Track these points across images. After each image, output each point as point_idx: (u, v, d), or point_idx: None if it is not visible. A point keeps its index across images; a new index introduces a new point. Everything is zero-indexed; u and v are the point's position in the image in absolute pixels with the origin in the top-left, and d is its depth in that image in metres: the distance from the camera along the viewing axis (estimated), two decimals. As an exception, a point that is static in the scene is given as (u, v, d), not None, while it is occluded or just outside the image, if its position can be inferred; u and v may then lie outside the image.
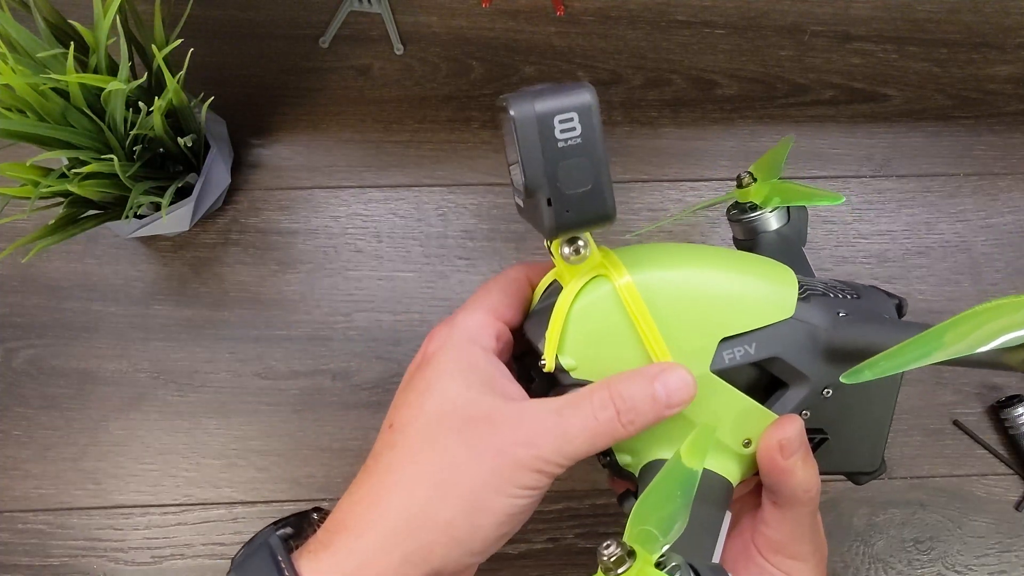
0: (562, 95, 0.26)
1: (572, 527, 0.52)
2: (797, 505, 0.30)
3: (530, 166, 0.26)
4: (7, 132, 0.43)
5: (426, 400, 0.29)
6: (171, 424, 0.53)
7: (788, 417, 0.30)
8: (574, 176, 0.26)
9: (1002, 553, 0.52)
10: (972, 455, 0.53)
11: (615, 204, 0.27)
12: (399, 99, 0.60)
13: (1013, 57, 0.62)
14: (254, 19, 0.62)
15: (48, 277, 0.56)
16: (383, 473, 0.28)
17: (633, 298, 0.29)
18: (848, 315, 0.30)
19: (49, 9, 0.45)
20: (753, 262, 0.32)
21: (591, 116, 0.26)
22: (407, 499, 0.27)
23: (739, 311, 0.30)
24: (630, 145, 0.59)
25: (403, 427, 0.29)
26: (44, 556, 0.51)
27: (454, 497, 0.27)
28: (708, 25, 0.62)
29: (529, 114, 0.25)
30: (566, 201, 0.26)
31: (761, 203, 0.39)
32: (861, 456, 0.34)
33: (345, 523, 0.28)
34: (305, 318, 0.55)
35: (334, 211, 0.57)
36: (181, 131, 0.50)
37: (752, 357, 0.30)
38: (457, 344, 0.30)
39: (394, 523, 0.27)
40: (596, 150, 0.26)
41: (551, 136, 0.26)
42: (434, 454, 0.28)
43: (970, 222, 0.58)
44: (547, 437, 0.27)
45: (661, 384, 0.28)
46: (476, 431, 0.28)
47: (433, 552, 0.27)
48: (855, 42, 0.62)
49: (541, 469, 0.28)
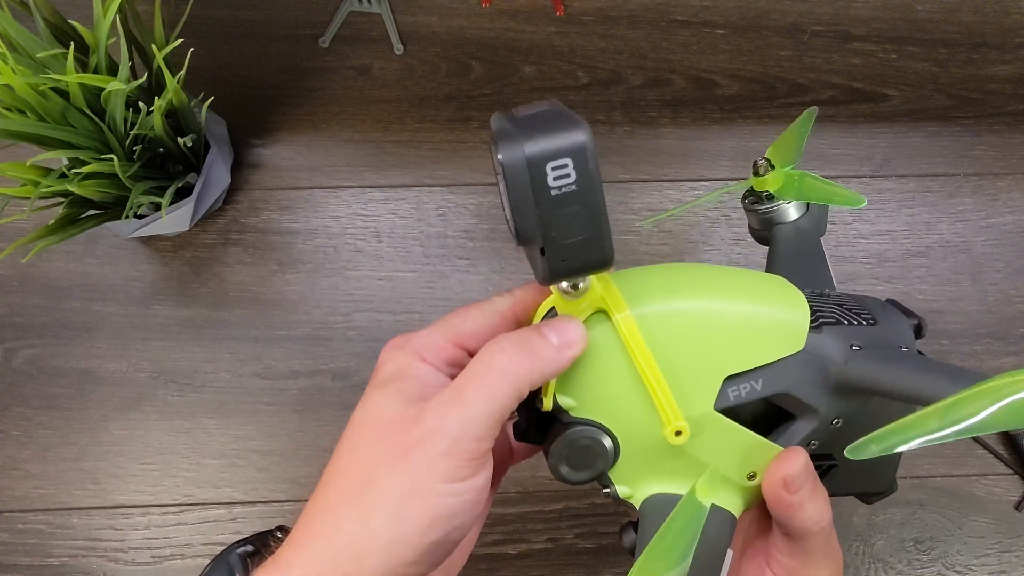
0: (554, 135, 0.23)
1: (572, 527, 0.52)
2: (809, 536, 0.29)
3: (521, 217, 0.24)
4: (7, 132, 0.43)
5: (360, 410, 0.29)
6: (171, 424, 0.53)
7: (792, 451, 0.29)
8: (569, 225, 0.24)
9: (1002, 553, 0.52)
10: (972, 455, 0.53)
11: (613, 250, 0.25)
12: (399, 99, 0.60)
13: (1013, 57, 0.62)
14: (254, 19, 0.62)
15: (48, 277, 0.56)
16: (322, 486, 0.29)
17: (632, 335, 0.27)
18: (862, 348, 0.29)
19: (49, 9, 0.45)
20: (763, 289, 0.30)
21: (587, 160, 0.23)
22: (335, 513, 0.27)
23: (746, 346, 0.28)
24: (630, 145, 0.59)
25: (341, 439, 0.29)
26: (44, 556, 0.51)
27: (375, 508, 0.26)
28: (708, 25, 0.62)
29: (519, 160, 0.23)
30: (561, 250, 0.24)
31: (777, 193, 0.37)
32: (873, 479, 0.33)
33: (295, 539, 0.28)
34: (305, 318, 0.55)
35: (334, 211, 0.57)
36: (181, 131, 0.50)
37: (759, 394, 0.28)
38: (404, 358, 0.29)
39: (326, 537, 0.27)
40: (593, 197, 0.24)
41: (544, 184, 0.23)
42: (356, 465, 0.28)
43: (970, 222, 0.58)
44: (448, 415, 0.26)
45: (551, 330, 0.27)
46: (391, 435, 0.27)
47: (364, 564, 0.26)
48: (855, 42, 0.62)
49: (450, 451, 0.26)
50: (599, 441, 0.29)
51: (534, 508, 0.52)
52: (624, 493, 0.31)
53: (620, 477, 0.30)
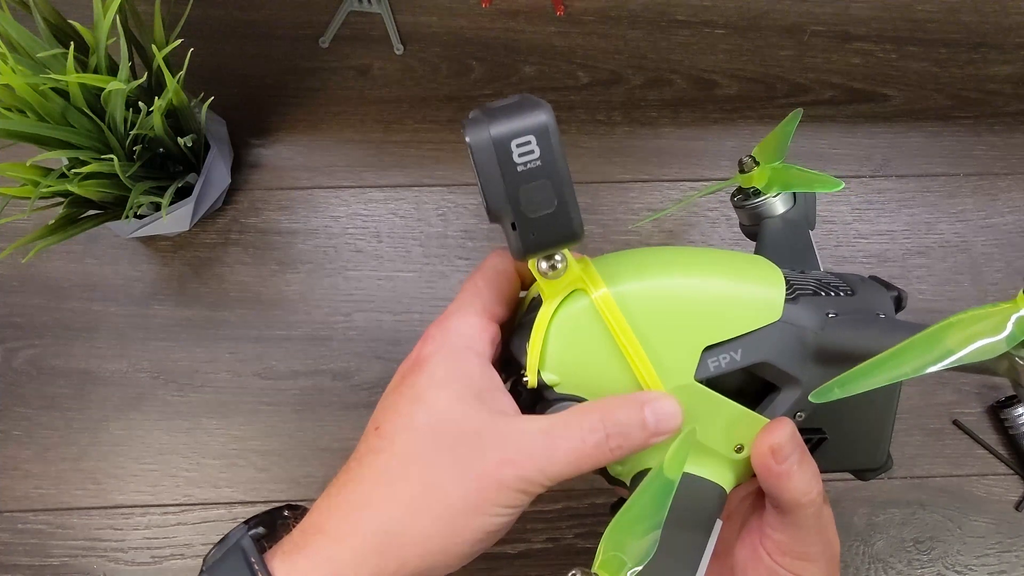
0: (518, 117, 0.25)
1: (571, 527, 0.52)
2: (798, 508, 0.30)
3: (490, 192, 0.25)
4: (7, 132, 0.43)
5: (416, 410, 0.29)
6: (171, 424, 0.53)
7: (779, 421, 0.30)
8: (537, 199, 0.26)
9: (1002, 553, 0.52)
10: (972, 455, 0.53)
11: (582, 223, 0.27)
12: (399, 99, 0.60)
13: (1013, 57, 0.62)
14: (254, 19, 0.62)
15: (48, 277, 0.56)
16: (365, 481, 0.28)
17: (611, 310, 0.28)
18: (838, 315, 0.30)
19: (49, 9, 0.45)
20: (738, 263, 0.31)
21: (549, 137, 0.25)
22: (386, 511, 0.27)
23: (722, 318, 0.29)
24: (630, 145, 0.59)
25: (390, 435, 0.29)
26: (44, 556, 0.51)
27: (433, 515, 0.27)
28: (708, 25, 0.62)
29: (484, 140, 0.25)
30: (530, 224, 0.26)
31: (763, 188, 0.38)
32: (864, 453, 0.33)
33: (323, 527, 0.28)
34: (305, 318, 0.55)
35: (334, 211, 0.57)
36: (181, 131, 0.50)
37: (739, 364, 0.29)
38: (452, 351, 0.30)
39: (371, 534, 0.27)
40: (557, 171, 0.25)
41: (510, 160, 0.25)
42: (418, 469, 0.28)
43: (970, 222, 0.58)
44: (532, 457, 0.27)
45: (651, 411, 0.28)
46: (462, 449, 0.28)
47: (407, 565, 0.27)
48: (855, 42, 0.62)
49: (523, 489, 0.27)
50: None
51: (534, 508, 0.52)
52: (615, 471, 0.32)
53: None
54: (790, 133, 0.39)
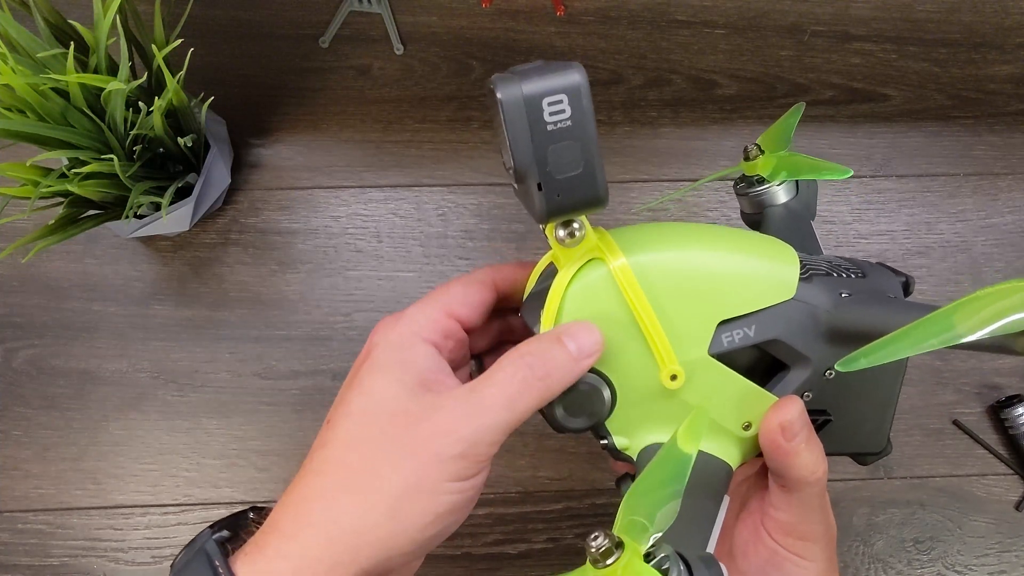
0: (551, 76, 0.25)
1: (572, 527, 0.52)
2: (804, 487, 0.30)
3: (519, 151, 0.25)
4: (7, 132, 0.43)
5: (356, 397, 0.28)
6: (171, 424, 0.53)
7: (789, 398, 0.30)
8: (564, 160, 0.25)
9: (1002, 553, 0.52)
10: (972, 455, 0.53)
11: (607, 187, 0.26)
12: (399, 99, 0.60)
13: (1013, 57, 0.62)
14: (254, 19, 0.62)
15: (48, 277, 0.56)
16: (312, 474, 0.28)
17: (628, 281, 0.28)
18: (851, 295, 0.30)
19: (49, 9, 0.45)
20: (754, 241, 0.31)
21: (581, 98, 0.25)
22: (332, 502, 0.27)
23: (738, 293, 0.29)
24: (630, 145, 0.59)
25: (335, 426, 0.29)
26: (44, 556, 0.51)
27: (376, 501, 0.27)
28: (708, 25, 0.62)
29: (516, 96, 0.25)
30: (557, 185, 0.26)
31: (768, 176, 0.38)
32: (866, 436, 0.33)
33: (277, 524, 0.28)
34: (305, 318, 0.55)
35: (334, 211, 0.57)
36: (181, 131, 0.50)
37: (752, 340, 0.29)
38: (397, 337, 0.29)
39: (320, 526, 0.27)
40: (587, 133, 0.25)
41: (540, 119, 0.25)
42: (357, 456, 0.27)
43: (970, 222, 0.58)
44: (463, 418, 0.27)
45: (568, 337, 0.28)
46: (394, 430, 0.27)
47: (360, 554, 0.27)
48: (855, 42, 0.62)
49: (464, 454, 0.27)
50: (595, 387, 0.30)
51: (534, 508, 0.52)
52: (621, 444, 0.32)
53: (617, 427, 0.31)
54: (793, 125, 0.39)
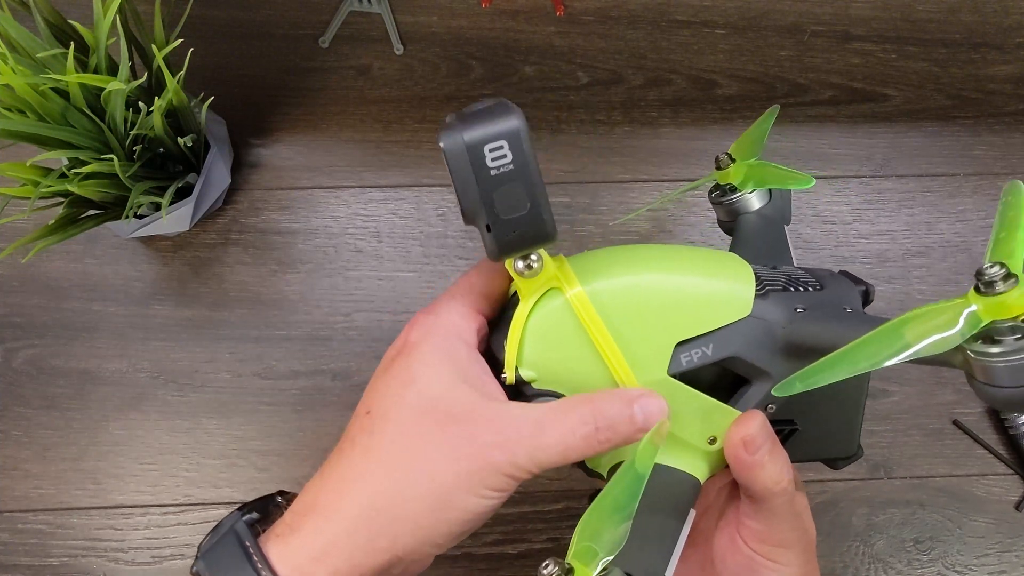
0: (490, 122, 0.26)
1: (572, 527, 0.51)
2: (771, 497, 0.31)
3: (465, 196, 0.26)
4: (7, 132, 0.43)
5: (408, 391, 0.29)
6: (171, 424, 0.53)
7: (749, 413, 0.31)
8: (510, 201, 0.26)
9: (1002, 553, 0.52)
10: (972, 455, 0.53)
11: (555, 224, 0.27)
12: (399, 99, 0.60)
13: (1013, 57, 0.62)
14: (254, 19, 0.62)
15: (48, 277, 0.56)
16: (358, 458, 0.29)
17: (585, 308, 0.29)
18: (806, 310, 0.30)
19: (49, 9, 0.45)
20: (710, 260, 0.32)
21: (521, 142, 0.26)
22: (379, 487, 0.28)
23: (693, 314, 0.30)
24: (630, 145, 0.59)
25: (382, 415, 0.29)
26: (44, 556, 0.51)
27: (425, 492, 0.28)
28: (708, 25, 0.62)
29: (459, 145, 0.26)
30: (505, 226, 0.27)
31: (738, 185, 0.39)
32: (836, 442, 0.34)
33: (315, 505, 0.28)
34: (305, 318, 0.55)
35: (334, 211, 0.57)
36: (181, 131, 0.50)
37: (711, 358, 0.30)
38: (440, 336, 0.30)
39: (364, 509, 0.28)
40: (529, 174, 0.26)
41: (483, 165, 0.26)
42: (411, 447, 0.28)
43: (970, 222, 0.58)
44: (523, 444, 0.28)
45: (639, 407, 0.29)
46: (455, 429, 0.28)
47: (397, 541, 0.28)
48: (855, 42, 0.62)
49: (512, 474, 0.28)
50: None
51: (534, 508, 0.52)
52: (593, 463, 0.33)
53: None
54: (766, 131, 0.40)
